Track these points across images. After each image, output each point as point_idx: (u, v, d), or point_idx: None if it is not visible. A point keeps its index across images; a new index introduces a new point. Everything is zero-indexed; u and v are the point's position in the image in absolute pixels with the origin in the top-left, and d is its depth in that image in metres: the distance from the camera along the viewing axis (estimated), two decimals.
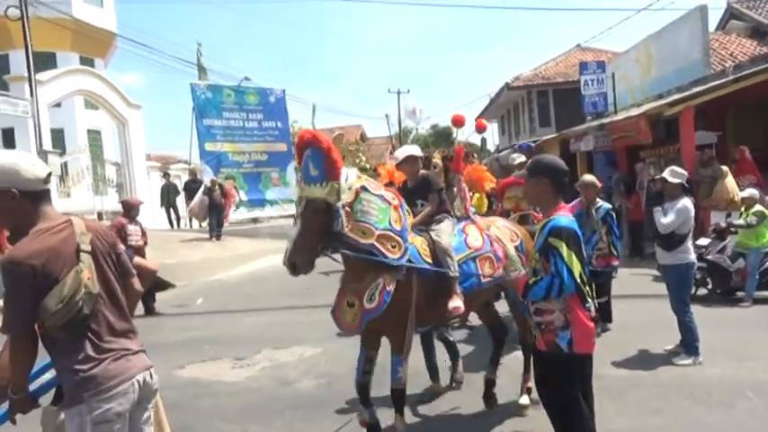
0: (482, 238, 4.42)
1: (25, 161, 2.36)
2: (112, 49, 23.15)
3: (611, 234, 6.60)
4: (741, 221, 8.00)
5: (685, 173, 5.95)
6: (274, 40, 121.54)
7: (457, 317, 4.13)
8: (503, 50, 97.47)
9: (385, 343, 4.04)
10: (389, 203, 3.82)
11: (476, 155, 16.59)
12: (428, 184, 4.60)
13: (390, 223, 3.76)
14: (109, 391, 2.33)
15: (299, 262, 3.54)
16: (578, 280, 3.03)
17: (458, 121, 5.07)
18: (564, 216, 3.11)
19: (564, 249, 2.98)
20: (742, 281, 7.96)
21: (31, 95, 12.21)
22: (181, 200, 19.47)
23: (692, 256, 5.80)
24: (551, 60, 25.66)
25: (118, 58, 34.71)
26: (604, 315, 6.59)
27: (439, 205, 4.49)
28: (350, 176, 3.69)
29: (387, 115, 35.10)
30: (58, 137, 18.34)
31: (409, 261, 3.84)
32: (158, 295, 11.23)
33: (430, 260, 4.01)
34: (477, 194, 6.61)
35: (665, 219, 5.70)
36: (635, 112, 13.64)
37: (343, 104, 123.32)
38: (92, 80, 17.12)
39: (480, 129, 5.27)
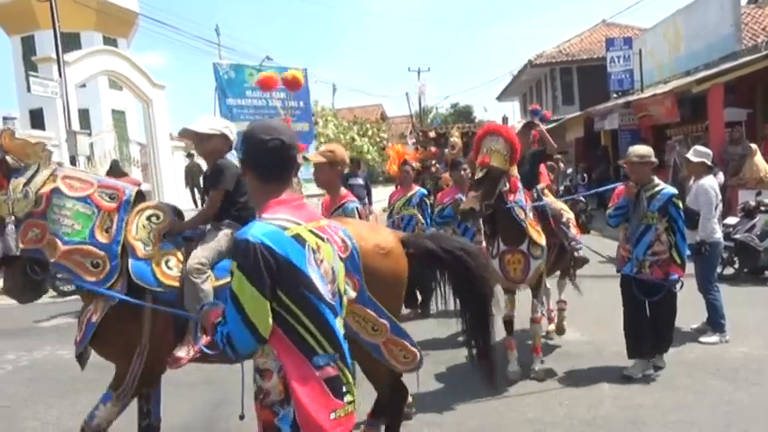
0: None
1: None
2: (135, 29, 23.32)
3: (673, 232, 4.59)
4: None
5: (709, 152, 5.92)
6: (295, 17, 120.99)
7: (177, 367, 3.08)
8: (526, 26, 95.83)
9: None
10: (100, 208, 3.07)
11: None
12: (218, 179, 3.34)
13: (93, 234, 3.02)
14: None
15: None
16: (265, 326, 1.85)
17: None
18: (260, 221, 1.94)
19: (235, 277, 1.87)
20: None
21: (60, 76, 12.39)
22: None
23: (719, 235, 5.79)
24: (575, 37, 25.28)
25: (139, 37, 34.95)
26: (662, 345, 4.83)
27: (227, 209, 3.36)
28: (37, 178, 3.00)
29: (407, 94, 34.89)
30: (84, 117, 18.63)
31: (135, 285, 3.02)
32: None
33: (177, 283, 3.08)
34: None
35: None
36: (662, 89, 13.41)
37: (363, 84, 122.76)
38: (116, 60, 17.31)
39: None
